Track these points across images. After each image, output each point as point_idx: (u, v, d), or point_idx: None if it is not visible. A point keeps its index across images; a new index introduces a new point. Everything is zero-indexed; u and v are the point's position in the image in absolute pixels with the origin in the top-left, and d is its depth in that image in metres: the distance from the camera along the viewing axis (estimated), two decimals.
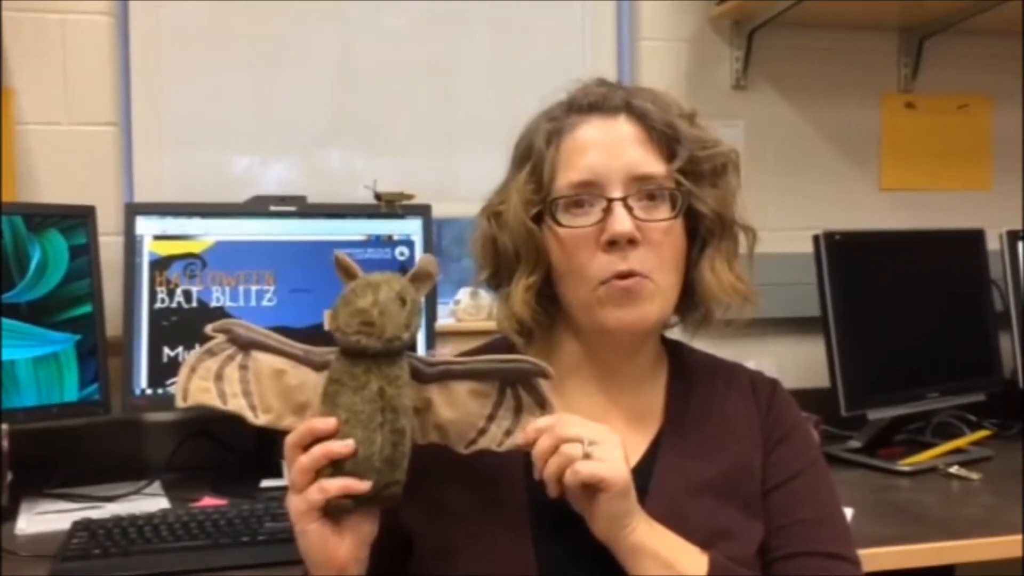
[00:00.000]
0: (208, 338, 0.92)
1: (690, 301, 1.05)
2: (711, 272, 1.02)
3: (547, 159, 1.01)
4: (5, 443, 1.52)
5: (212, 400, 0.91)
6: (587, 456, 0.87)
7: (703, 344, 1.13)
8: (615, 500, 0.88)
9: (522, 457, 0.94)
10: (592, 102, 1.02)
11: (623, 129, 1.01)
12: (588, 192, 0.99)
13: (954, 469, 1.78)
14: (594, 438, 0.88)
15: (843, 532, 1.05)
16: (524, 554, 0.95)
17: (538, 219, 1.01)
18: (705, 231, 1.03)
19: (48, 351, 1.60)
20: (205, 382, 0.91)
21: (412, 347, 0.91)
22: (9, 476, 1.54)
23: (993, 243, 2.05)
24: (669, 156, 1.01)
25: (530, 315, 1.02)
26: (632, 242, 0.97)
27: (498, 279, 1.06)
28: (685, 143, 1.01)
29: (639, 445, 1.03)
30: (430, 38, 2.07)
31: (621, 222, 0.96)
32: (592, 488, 0.88)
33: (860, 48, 2.18)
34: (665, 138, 1.01)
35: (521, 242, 1.01)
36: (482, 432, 0.93)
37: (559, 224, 0.99)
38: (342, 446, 0.86)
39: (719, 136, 1.06)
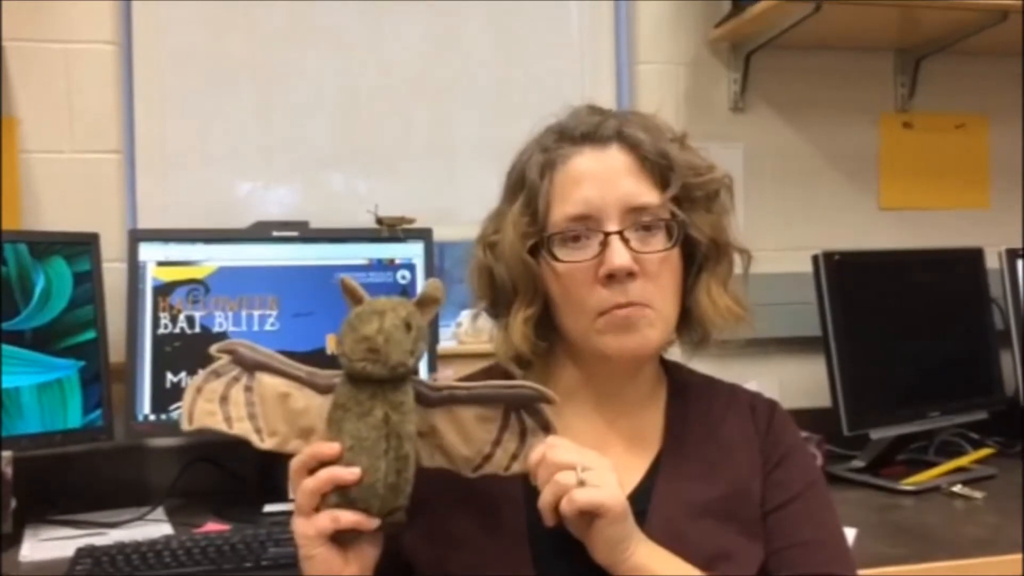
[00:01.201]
0: (213, 359, 0.93)
1: (687, 324, 1.06)
2: (707, 297, 1.03)
3: (541, 192, 1.01)
4: (9, 470, 1.53)
5: (218, 424, 0.91)
6: (582, 483, 0.87)
7: (705, 364, 1.13)
8: (613, 525, 0.89)
9: (522, 483, 0.95)
10: (584, 132, 1.02)
11: (616, 159, 1.01)
12: (584, 226, 0.99)
13: (957, 488, 1.77)
14: (586, 464, 0.88)
15: (843, 553, 1.04)
16: None
17: (534, 250, 1.01)
18: (701, 256, 1.03)
19: (52, 378, 1.60)
20: (211, 404, 0.91)
21: (415, 370, 0.92)
22: (13, 503, 1.54)
23: (992, 261, 2.05)
24: (662, 184, 1.01)
25: (529, 348, 1.02)
26: (630, 275, 0.97)
27: (496, 309, 1.06)
28: (678, 170, 1.01)
29: (638, 468, 1.03)
30: (430, 64, 2.08)
31: (619, 256, 0.96)
32: (590, 515, 0.88)
33: (857, 69, 2.20)
34: (658, 167, 1.01)
35: (518, 275, 1.01)
36: (488, 457, 0.93)
37: (556, 259, 0.99)
38: (348, 473, 0.86)
39: (714, 158, 1.06)
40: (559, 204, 1.00)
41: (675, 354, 1.12)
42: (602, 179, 1.00)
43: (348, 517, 0.86)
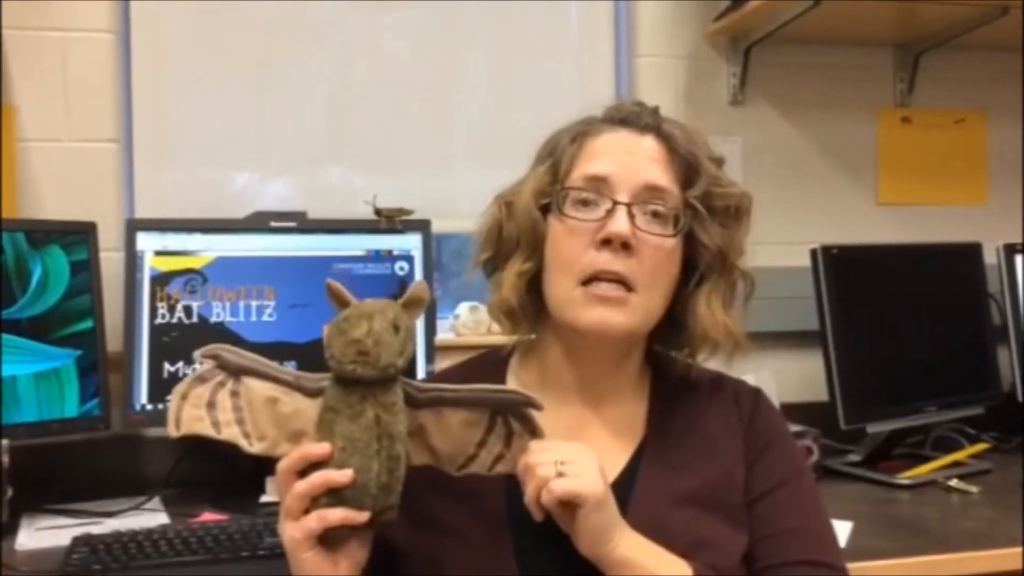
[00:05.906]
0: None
1: (680, 336, 1.06)
2: (706, 307, 1.03)
3: (567, 154, 1.04)
4: (5, 459, 1.52)
5: (206, 429, 0.92)
6: (560, 475, 0.88)
7: (700, 357, 1.13)
8: (593, 514, 0.89)
9: (504, 475, 0.95)
10: (623, 117, 1.06)
11: (647, 145, 1.03)
12: (597, 190, 1.00)
13: (954, 482, 1.78)
14: (565, 458, 0.89)
15: (829, 540, 1.05)
16: (507, 567, 0.96)
17: (546, 210, 1.03)
18: (705, 266, 1.04)
19: (49, 367, 1.60)
20: (198, 410, 0.92)
21: (412, 365, 0.92)
22: (9, 492, 1.54)
23: (990, 256, 2.06)
24: (686, 183, 1.03)
25: (517, 300, 1.03)
26: (626, 247, 0.98)
27: (495, 262, 1.08)
28: (703, 175, 1.03)
29: (621, 457, 1.04)
30: (428, 57, 2.08)
31: (619, 223, 0.98)
32: (570, 505, 0.89)
33: (856, 64, 2.20)
34: (685, 165, 1.03)
35: (524, 229, 1.03)
36: (472, 458, 0.94)
37: (563, 214, 1.01)
38: (341, 475, 0.86)
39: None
40: (580, 166, 1.03)
41: None
42: (628, 156, 1.02)
43: (336, 514, 0.87)
